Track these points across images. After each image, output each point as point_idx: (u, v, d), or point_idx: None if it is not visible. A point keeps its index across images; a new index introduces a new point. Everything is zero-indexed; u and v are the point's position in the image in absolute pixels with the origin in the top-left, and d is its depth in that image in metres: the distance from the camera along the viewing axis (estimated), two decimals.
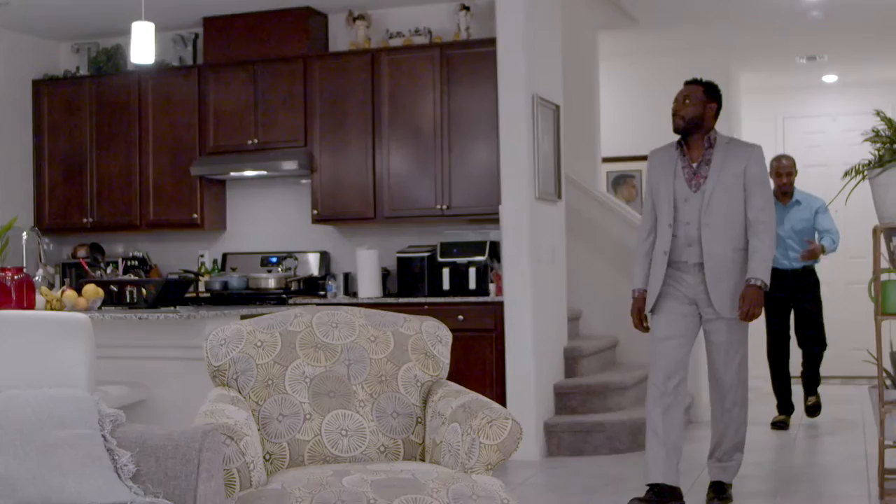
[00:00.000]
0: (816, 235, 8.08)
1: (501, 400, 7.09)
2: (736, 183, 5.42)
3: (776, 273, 7.17)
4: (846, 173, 5.54)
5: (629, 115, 10.75)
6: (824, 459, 6.90)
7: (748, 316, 5.35)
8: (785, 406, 8.25)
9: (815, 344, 8.17)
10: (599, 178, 9.88)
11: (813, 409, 8.40)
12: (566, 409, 7.47)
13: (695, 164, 5.49)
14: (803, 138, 11.84)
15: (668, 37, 9.57)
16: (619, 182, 11.05)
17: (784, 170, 8.10)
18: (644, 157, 11.09)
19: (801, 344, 8.20)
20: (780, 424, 8.13)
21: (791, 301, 8.09)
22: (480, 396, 3.80)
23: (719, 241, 5.40)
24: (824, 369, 8.36)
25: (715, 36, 9.59)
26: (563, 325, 7.80)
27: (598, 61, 9.38)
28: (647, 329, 5.62)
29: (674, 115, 5.53)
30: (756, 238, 5.41)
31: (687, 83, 5.65)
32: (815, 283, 8.18)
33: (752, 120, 11.76)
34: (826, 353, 8.27)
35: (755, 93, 11.77)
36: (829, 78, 11.61)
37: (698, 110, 5.52)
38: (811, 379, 8.35)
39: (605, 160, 10.20)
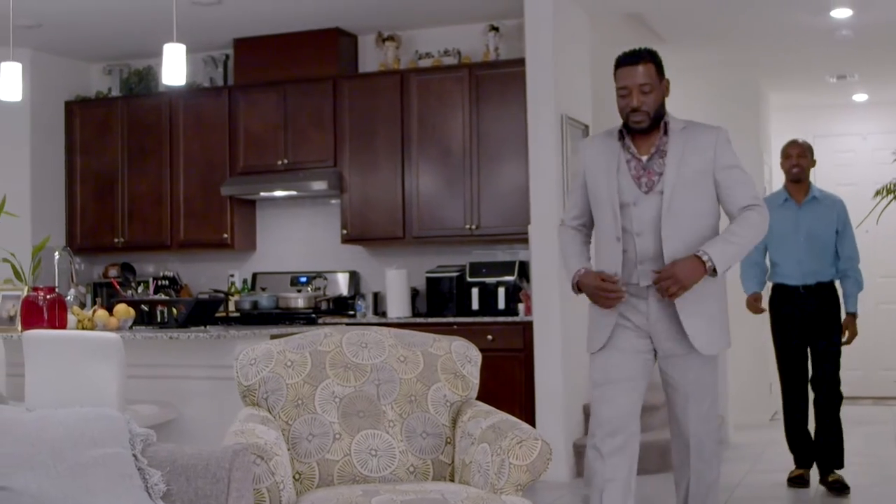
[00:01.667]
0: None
1: (531, 420, 7.08)
2: (701, 179, 4.22)
3: (785, 291, 6.54)
4: (877, 193, 5.53)
5: None
6: (857, 480, 6.84)
7: (665, 290, 4.12)
8: (803, 459, 6.68)
9: (827, 385, 6.48)
10: None
11: (837, 487, 6.44)
12: None
13: (644, 157, 4.25)
14: (833, 157, 11.77)
15: (696, 56, 9.56)
16: None
17: (794, 150, 6.68)
18: None
19: (812, 386, 6.58)
20: (797, 480, 6.66)
21: (808, 328, 6.50)
22: (510, 417, 3.80)
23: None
24: (854, 389, 7.02)
25: (744, 55, 9.57)
26: None
27: None
28: (614, 285, 4.23)
29: (633, 111, 4.21)
30: (738, 219, 4.23)
31: (631, 62, 4.24)
32: (835, 306, 6.57)
33: (781, 138, 11.63)
34: (857, 374, 7.12)
35: (785, 111, 11.72)
36: (860, 97, 11.55)
37: (660, 95, 4.28)
38: (830, 442, 6.50)
39: None
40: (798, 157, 6.61)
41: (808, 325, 6.49)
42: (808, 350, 6.56)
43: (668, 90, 4.33)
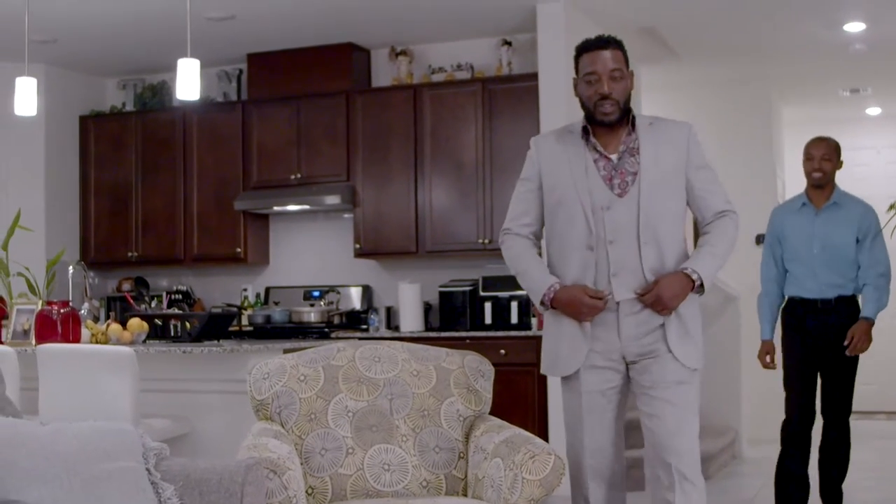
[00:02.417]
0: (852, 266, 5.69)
1: (544, 435, 7.06)
2: (674, 179, 3.85)
3: (802, 305, 5.68)
4: (891, 206, 5.48)
5: None
6: (871, 496, 6.82)
7: (655, 303, 3.75)
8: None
9: (837, 414, 5.69)
10: None
11: None
12: None
13: (614, 156, 3.85)
14: (847, 171, 11.56)
15: (710, 70, 9.56)
16: None
17: (817, 150, 5.77)
18: None
19: (822, 411, 5.74)
20: None
21: (823, 348, 5.65)
22: (523, 431, 3.79)
23: (667, 266, 3.82)
24: (868, 404, 6.04)
25: (757, 69, 9.57)
26: None
27: (641, 94, 9.37)
28: (601, 300, 3.77)
29: (603, 99, 3.80)
30: (715, 228, 3.88)
31: (600, 46, 3.88)
32: (854, 320, 5.64)
33: (795, 153, 11.68)
34: (871, 389, 6.03)
35: (798, 125, 11.69)
36: (873, 110, 11.54)
37: (628, 86, 3.88)
38: (832, 472, 5.77)
39: None
40: (822, 161, 5.74)
41: (824, 344, 5.62)
42: (819, 377, 5.73)
43: (633, 83, 3.93)
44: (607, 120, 3.81)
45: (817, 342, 5.64)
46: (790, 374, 5.75)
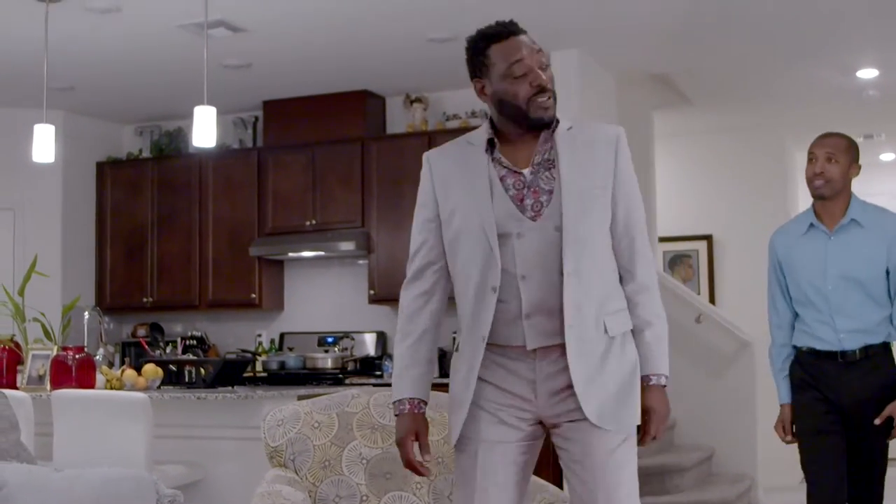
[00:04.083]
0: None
1: (558, 482, 7.01)
2: (601, 194, 3.01)
3: (816, 359, 4.32)
4: None
5: (685, 195, 10.73)
6: None
7: (657, 438, 3.08)
8: None
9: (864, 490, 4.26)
10: (656, 257, 9.84)
11: None
12: None
13: (527, 171, 3.01)
14: None
15: (723, 116, 9.59)
16: (676, 262, 11.02)
17: (821, 148, 4.38)
18: (702, 237, 10.91)
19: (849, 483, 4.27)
20: None
21: (849, 415, 4.25)
22: (537, 478, 3.78)
23: (589, 303, 2.96)
24: (893, 450, 4.61)
25: (770, 115, 9.59)
26: None
27: (654, 141, 9.41)
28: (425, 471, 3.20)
29: (542, 91, 3.05)
30: (641, 298, 3.14)
31: (515, 32, 3.09)
32: (892, 381, 4.23)
33: (810, 198, 11.69)
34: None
35: None
36: (887, 156, 11.54)
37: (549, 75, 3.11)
38: None
39: (662, 240, 10.18)
40: (825, 162, 4.36)
41: (850, 410, 4.25)
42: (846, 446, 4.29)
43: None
44: (548, 117, 3.03)
45: (840, 408, 4.27)
46: (810, 449, 4.36)
